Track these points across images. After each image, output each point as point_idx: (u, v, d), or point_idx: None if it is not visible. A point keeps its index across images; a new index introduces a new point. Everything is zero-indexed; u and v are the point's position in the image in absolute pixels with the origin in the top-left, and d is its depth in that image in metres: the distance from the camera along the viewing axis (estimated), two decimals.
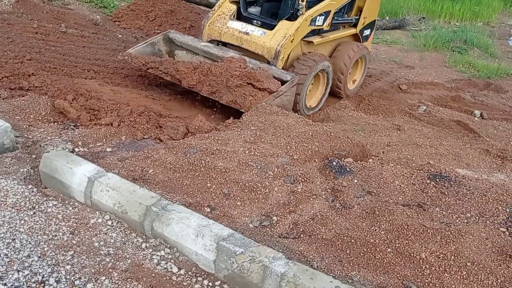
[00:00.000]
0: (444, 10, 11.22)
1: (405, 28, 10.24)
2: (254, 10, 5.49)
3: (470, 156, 4.49)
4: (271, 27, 5.10)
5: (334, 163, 3.52)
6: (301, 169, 3.42)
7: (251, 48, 5.07)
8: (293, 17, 5.12)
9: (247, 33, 5.10)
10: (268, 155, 3.54)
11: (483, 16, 11.56)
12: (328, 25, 5.44)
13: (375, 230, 2.74)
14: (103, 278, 2.37)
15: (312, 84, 5.35)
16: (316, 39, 5.37)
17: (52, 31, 6.01)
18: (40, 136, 3.55)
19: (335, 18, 5.61)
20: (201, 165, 3.24)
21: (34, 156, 3.31)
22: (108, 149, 3.51)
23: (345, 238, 2.68)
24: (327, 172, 3.47)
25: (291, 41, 4.97)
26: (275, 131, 4.01)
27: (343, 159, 3.68)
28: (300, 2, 5.03)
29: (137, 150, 3.49)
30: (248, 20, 5.29)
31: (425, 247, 2.61)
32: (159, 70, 4.85)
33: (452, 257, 2.55)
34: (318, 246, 2.64)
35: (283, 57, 4.99)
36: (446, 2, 11.43)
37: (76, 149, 3.43)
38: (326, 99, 5.70)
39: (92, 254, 2.52)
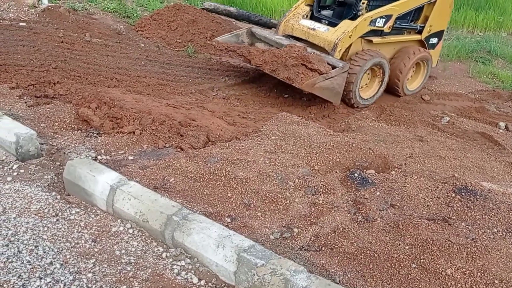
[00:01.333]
0: (467, 20, 11.04)
1: None
2: (326, 13, 6.32)
3: (495, 169, 4.39)
4: (336, 25, 5.92)
5: (356, 174, 3.48)
6: (322, 180, 3.39)
7: (315, 41, 5.92)
8: (355, 18, 5.86)
9: (313, 29, 6.01)
10: (288, 165, 3.52)
11: (507, 26, 11.35)
12: (389, 27, 6.07)
13: (399, 244, 2.68)
14: (124, 287, 2.37)
15: (368, 77, 6.14)
16: (375, 39, 6.07)
17: (77, 40, 6.12)
18: (64, 143, 3.60)
19: (398, 22, 6.17)
20: (222, 175, 3.23)
21: (58, 163, 3.35)
22: (130, 157, 3.54)
23: (368, 252, 2.63)
24: (348, 183, 3.42)
25: (349, 37, 5.74)
26: (296, 141, 3.98)
27: (365, 170, 3.63)
28: (361, 4, 5.84)
29: (159, 158, 3.51)
30: (318, 20, 6.18)
31: (451, 263, 2.54)
32: (236, 52, 6.09)
33: (479, 273, 2.48)
34: (340, 259, 2.59)
35: (340, 49, 5.74)
36: (469, 12, 11.26)
37: (99, 157, 3.47)
38: (381, 94, 6.30)
39: (113, 262, 2.52)
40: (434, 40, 6.83)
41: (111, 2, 7.95)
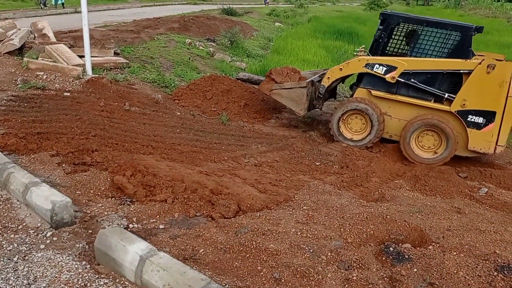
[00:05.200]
0: None
1: None
2: None
3: None
4: None
5: (391, 248, 3.34)
6: (355, 253, 3.27)
7: None
8: None
9: None
10: (321, 237, 3.43)
11: None
12: (392, 78, 6.54)
13: None
14: None
15: (363, 127, 6.90)
16: (374, 92, 6.75)
17: (116, 109, 6.41)
18: (97, 211, 3.66)
19: (411, 80, 6.45)
20: (252, 246, 3.18)
21: (90, 231, 3.38)
22: (161, 226, 3.54)
23: None
24: (383, 258, 3.28)
25: (339, 69, 7.03)
26: (328, 212, 3.91)
27: (400, 244, 3.49)
28: (360, 47, 7.22)
29: (189, 228, 3.50)
30: None
31: None
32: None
33: None
34: None
35: (328, 77, 7.12)
36: None
37: (131, 225, 3.49)
38: (373, 142, 6.85)
39: None
40: (477, 119, 6.23)
41: (150, 73, 8.39)
